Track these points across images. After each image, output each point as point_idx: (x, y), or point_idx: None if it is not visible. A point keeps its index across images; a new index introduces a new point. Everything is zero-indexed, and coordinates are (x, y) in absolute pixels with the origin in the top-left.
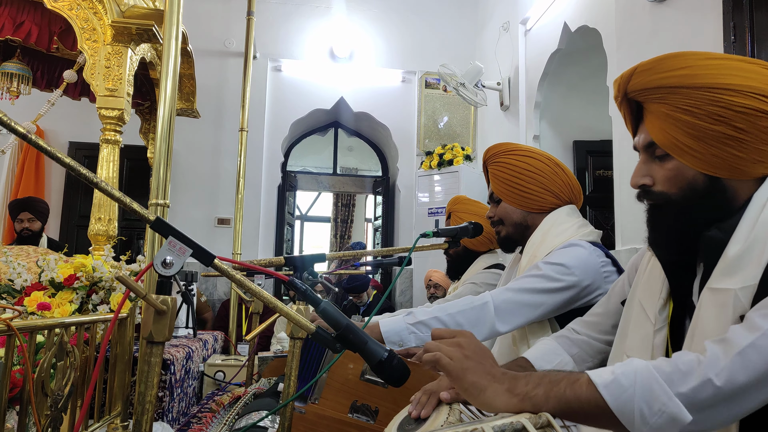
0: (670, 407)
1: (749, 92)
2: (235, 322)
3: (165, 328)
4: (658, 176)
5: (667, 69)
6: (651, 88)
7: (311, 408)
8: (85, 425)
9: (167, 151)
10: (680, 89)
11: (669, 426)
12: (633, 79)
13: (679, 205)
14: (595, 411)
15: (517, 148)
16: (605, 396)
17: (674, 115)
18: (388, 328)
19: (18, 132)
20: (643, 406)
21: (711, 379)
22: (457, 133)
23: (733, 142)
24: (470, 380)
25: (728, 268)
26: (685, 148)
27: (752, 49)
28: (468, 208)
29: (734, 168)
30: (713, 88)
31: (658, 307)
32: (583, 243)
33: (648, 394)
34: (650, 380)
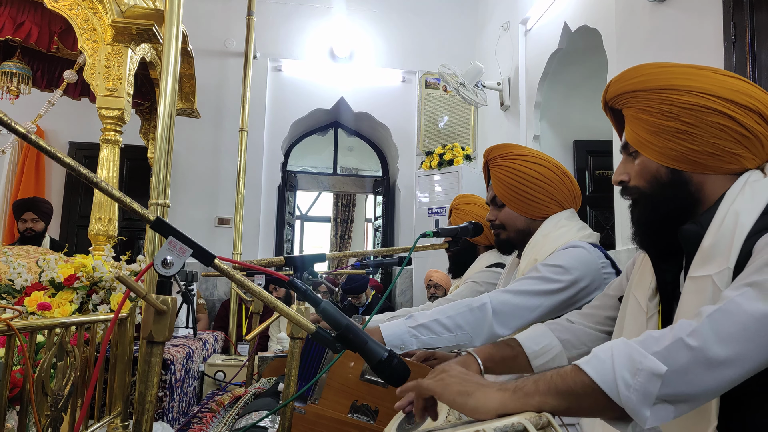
0: (647, 363)
1: (694, 91)
2: (235, 322)
3: (165, 328)
4: (632, 173)
5: (628, 78)
6: (619, 94)
7: (311, 408)
8: (85, 425)
9: (167, 151)
10: (638, 93)
11: (650, 383)
12: (608, 89)
13: (649, 198)
14: (582, 391)
15: (523, 152)
16: (587, 370)
17: (637, 115)
18: (389, 331)
19: (18, 132)
20: (623, 372)
21: (682, 338)
22: (457, 133)
23: (685, 136)
24: (456, 389)
25: (704, 258)
26: (647, 144)
27: (752, 49)
28: (467, 199)
29: (693, 161)
30: (662, 89)
31: (648, 296)
32: (584, 244)
33: (625, 359)
34: (626, 348)
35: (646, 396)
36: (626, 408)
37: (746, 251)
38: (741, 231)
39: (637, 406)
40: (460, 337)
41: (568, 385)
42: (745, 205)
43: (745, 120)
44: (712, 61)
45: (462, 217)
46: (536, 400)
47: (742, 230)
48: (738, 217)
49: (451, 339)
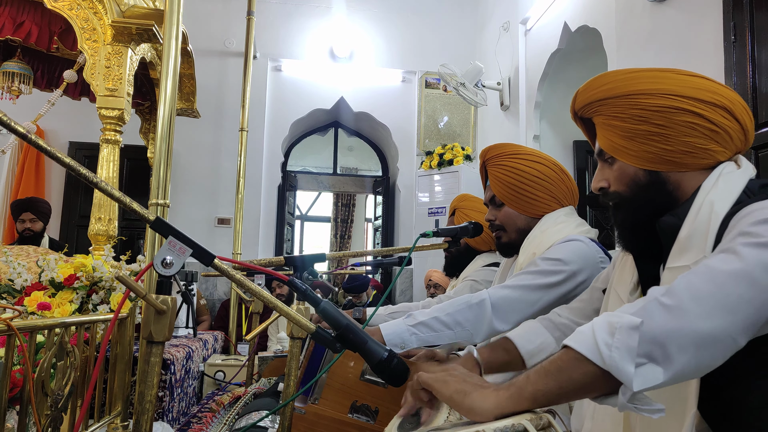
0: (623, 321)
1: (661, 93)
2: (235, 322)
3: (165, 327)
4: (610, 178)
5: (595, 87)
6: (587, 104)
7: (311, 408)
8: (85, 425)
9: (167, 151)
10: (607, 100)
11: (629, 337)
12: (576, 100)
13: (630, 201)
14: (569, 365)
15: (521, 150)
16: (570, 344)
17: (608, 122)
18: (389, 330)
19: (18, 132)
20: (603, 335)
21: (656, 297)
22: (457, 133)
23: (658, 138)
24: (454, 387)
25: (681, 248)
26: (622, 149)
27: (752, 49)
28: (474, 205)
29: (668, 161)
30: (629, 95)
31: (629, 290)
32: (582, 237)
33: (604, 325)
34: (604, 317)
35: (628, 351)
36: (611, 369)
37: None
38: (716, 220)
39: (620, 364)
40: (460, 334)
41: (556, 365)
42: (719, 195)
43: (713, 116)
44: (712, 61)
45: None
46: (528, 390)
47: (716, 219)
48: (713, 206)
49: (451, 336)
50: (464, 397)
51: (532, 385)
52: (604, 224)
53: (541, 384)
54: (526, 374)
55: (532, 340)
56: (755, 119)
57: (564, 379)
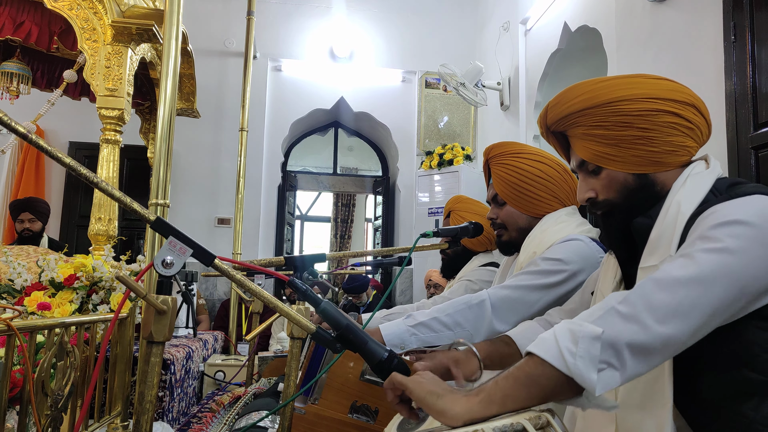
0: (585, 330)
1: (639, 98)
2: (235, 322)
3: (165, 328)
4: (597, 188)
5: (569, 99)
6: (563, 117)
7: (311, 408)
8: (85, 425)
9: (167, 151)
10: (586, 111)
11: (591, 346)
12: (548, 114)
13: (622, 207)
14: (536, 372)
15: (524, 150)
16: (535, 351)
17: (590, 132)
18: (389, 331)
19: (18, 132)
20: (566, 343)
21: (613, 306)
22: (457, 133)
23: (644, 141)
24: (427, 388)
25: (651, 248)
26: (608, 156)
27: (752, 49)
28: (469, 207)
29: (655, 162)
30: (610, 102)
31: (611, 289)
32: (582, 237)
33: (566, 333)
34: (565, 323)
35: (591, 359)
36: (575, 376)
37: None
38: (681, 220)
39: (584, 372)
40: (459, 335)
41: (524, 372)
42: (686, 195)
43: (687, 114)
44: (712, 61)
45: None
46: (498, 395)
47: (682, 219)
48: (680, 206)
49: (450, 336)
50: (436, 400)
51: (501, 390)
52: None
53: (509, 390)
54: (495, 380)
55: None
56: (755, 119)
57: (531, 385)
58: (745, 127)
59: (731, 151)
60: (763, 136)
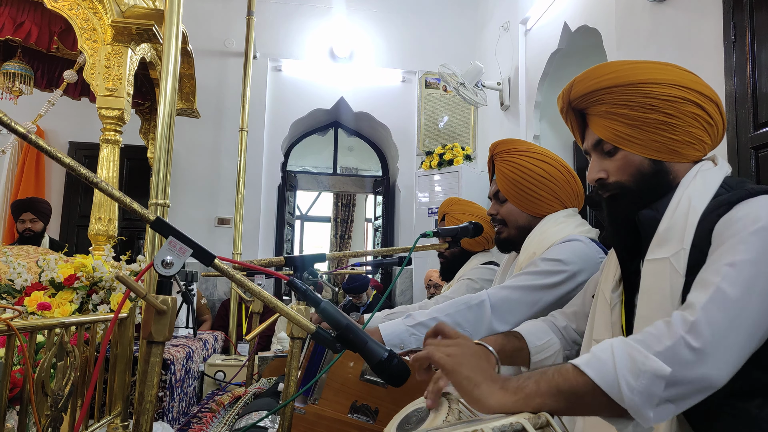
0: (650, 365)
1: (669, 83)
2: (235, 322)
3: (165, 328)
4: (610, 169)
5: (599, 75)
6: (589, 92)
7: (311, 408)
8: (85, 425)
9: (167, 151)
10: (614, 88)
11: (653, 384)
12: (573, 89)
13: (633, 191)
14: (584, 391)
15: (530, 149)
16: (588, 373)
17: (614, 110)
18: (388, 331)
19: (18, 132)
20: (625, 374)
21: (683, 336)
22: (457, 133)
23: (666, 127)
24: (465, 374)
25: (660, 241)
26: (628, 138)
27: (752, 49)
28: (464, 208)
29: (672, 151)
30: (641, 83)
31: (611, 288)
32: (582, 237)
33: (627, 360)
34: (627, 348)
35: (650, 397)
36: (629, 410)
37: (701, 232)
38: (694, 214)
39: (641, 408)
40: None
41: (570, 386)
42: (697, 190)
43: (710, 108)
44: (712, 61)
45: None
46: (537, 401)
47: (695, 213)
48: (690, 201)
49: None
50: (474, 387)
51: (541, 397)
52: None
53: (550, 399)
54: (536, 382)
55: (540, 337)
56: (755, 119)
57: (575, 402)
58: (745, 127)
59: (731, 151)
60: (763, 136)
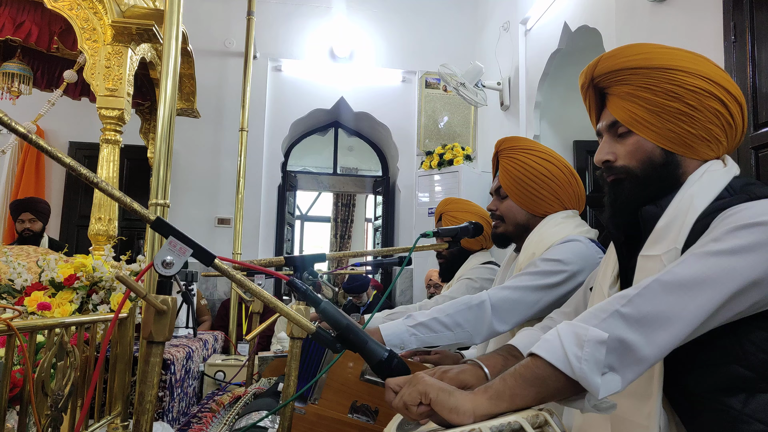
0: (590, 334)
1: (698, 74)
2: (235, 322)
3: (165, 328)
4: (620, 152)
5: (628, 54)
6: (615, 70)
7: (311, 408)
8: (86, 425)
9: (167, 151)
10: (641, 70)
11: (596, 350)
12: (599, 65)
13: (638, 178)
14: (542, 373)
15: (535, 147)
16: (541, 354)
17: (636, 93)
18: (389, 331)
19: (18, 132)
20: (571, 347)
21: (617, 309)
22: (458, 133)
23: (686, 118)
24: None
25: (656, 238)
26: (644, 123)
27: (752, 49)
28: (460, 206)
29: (687, 144)
30: (669, 69)
31: (609, 284)
32: (581, 237)
33: (571, 335)
34: (569, 326)
35: (597, 363)
36: (580, 379)
37: (695, 233)
38: (693, 213)
39: (589, 376)
40: (459, 335)
41: (531, 372)
42: (701, 189)
43: (733, 108)
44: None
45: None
46: (507, 393)
47: (693, 213)
48: (692, 200)
49: (450, 337)
50: (449, 396)
51: (510, 389)
52: (604, 224)
53: (518, 388)
54: (502, 378)
55: None
56: (755, 119)
57: (539, 385)
58: None
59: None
60: (763, 136)
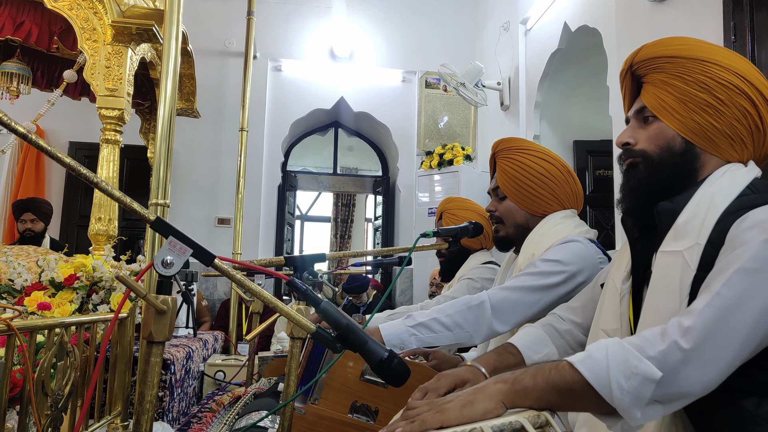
0: (642, 368)
1: (732, 70)
2: (235, 322)
3: (165, 328)
4: (641, 137)
5: (669, 44)
6: (653, 57)
7: (311, 408)
8: (86, 425)
9: (167, 151)
10: (677, 58)
11: (643, 387)
12: (641, 51)
13: (654, 162)
14: (577, 388)
15: (531, 147)
16: (582, 371)
17: (668, 80)
18: (388, 331)
19: (18, 132)
20: (617, 375)
21: (676, 341)
22: (458, 133)
23: (712, 111)
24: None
25: (677, 234)
26: (670, 110)
27: (752, 49)
28: (460, 204)
29: (709, 138)
30: (704, 60)
31: (622, 279)
32: (580, 238)
33: (620, 362)
34: (621, 350)
35: (639, 399)
36: (618, 408)
37: (718, 230)
38: (714, 210)
39: (629, 408)
40: (459, 336)
41: (565, 382)
42: (722, 188)
43: (763, 110)
44: None
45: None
46: (535, 395)
47: (715, 210)
48: (713, 198)
49: (450, 337)
50: (473, 407)
51: (539, 392)
52: (605, 224)
53: (547, 394)
54: (533, 376)
55: (537, 351)
56: None
57: (569, 397)
58: None
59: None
60: None
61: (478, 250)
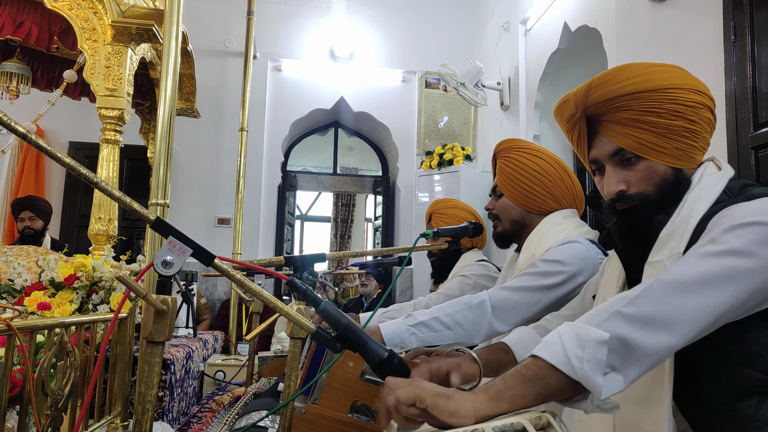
0: (591, 334)
1: (692, 88)
2: (235, 322)
3: (165, 327)
4: (632, 179)
5: (622, 79)
6: (612, 97)
7: (311, 408)
8: (85, 425)
9: (167, 151)
10: (641, 94)
11: (597, 350)
12: (591, 93)
13: (656, 202)
14: (542, 373)
15: (528, 146)
16: (542, 355)
17: (639, 117)
18: (389, 331)
19: (18, 132)
20: (572, 348)
21: (619, 310)
22: (457, 132)
23: (689, 134)
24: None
25: (661, 244)
26: (654, 146)
27: (752, 49)
28: (447, 203)
29: (690, 157)
30: (666, 88)
31: (614, 293)
32: (581, 239)
33: (572, 336)
34: (570, 327)
35: (598, 364)
36: (582, 380)
37: (695, 236)
38: (695, 218)
39: (591, 376)
40: (459, 335)
41: (533, 373)
42: (701, 194)
43: (714, 112)
44: (712, 61)
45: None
46: (508, 394)
47: (695, 217)
48: (694, 204)
49: (450, 336)
50: (447, 400)
51: (511, 389)
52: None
53: (519, 389)
54: (503, 378)
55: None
56: (755, 119)
57: (540, 385)
58: (745, 127)
59: (731, 151)
60: (763, 136)
61: (470, 249)
